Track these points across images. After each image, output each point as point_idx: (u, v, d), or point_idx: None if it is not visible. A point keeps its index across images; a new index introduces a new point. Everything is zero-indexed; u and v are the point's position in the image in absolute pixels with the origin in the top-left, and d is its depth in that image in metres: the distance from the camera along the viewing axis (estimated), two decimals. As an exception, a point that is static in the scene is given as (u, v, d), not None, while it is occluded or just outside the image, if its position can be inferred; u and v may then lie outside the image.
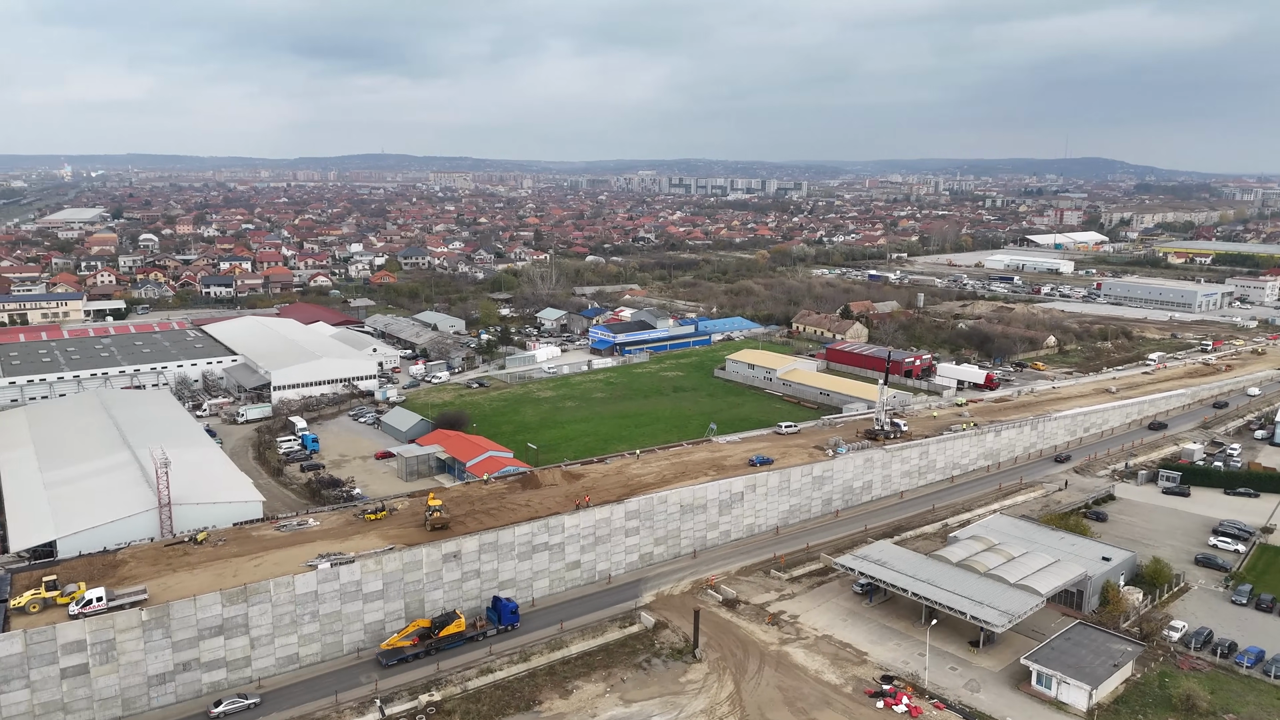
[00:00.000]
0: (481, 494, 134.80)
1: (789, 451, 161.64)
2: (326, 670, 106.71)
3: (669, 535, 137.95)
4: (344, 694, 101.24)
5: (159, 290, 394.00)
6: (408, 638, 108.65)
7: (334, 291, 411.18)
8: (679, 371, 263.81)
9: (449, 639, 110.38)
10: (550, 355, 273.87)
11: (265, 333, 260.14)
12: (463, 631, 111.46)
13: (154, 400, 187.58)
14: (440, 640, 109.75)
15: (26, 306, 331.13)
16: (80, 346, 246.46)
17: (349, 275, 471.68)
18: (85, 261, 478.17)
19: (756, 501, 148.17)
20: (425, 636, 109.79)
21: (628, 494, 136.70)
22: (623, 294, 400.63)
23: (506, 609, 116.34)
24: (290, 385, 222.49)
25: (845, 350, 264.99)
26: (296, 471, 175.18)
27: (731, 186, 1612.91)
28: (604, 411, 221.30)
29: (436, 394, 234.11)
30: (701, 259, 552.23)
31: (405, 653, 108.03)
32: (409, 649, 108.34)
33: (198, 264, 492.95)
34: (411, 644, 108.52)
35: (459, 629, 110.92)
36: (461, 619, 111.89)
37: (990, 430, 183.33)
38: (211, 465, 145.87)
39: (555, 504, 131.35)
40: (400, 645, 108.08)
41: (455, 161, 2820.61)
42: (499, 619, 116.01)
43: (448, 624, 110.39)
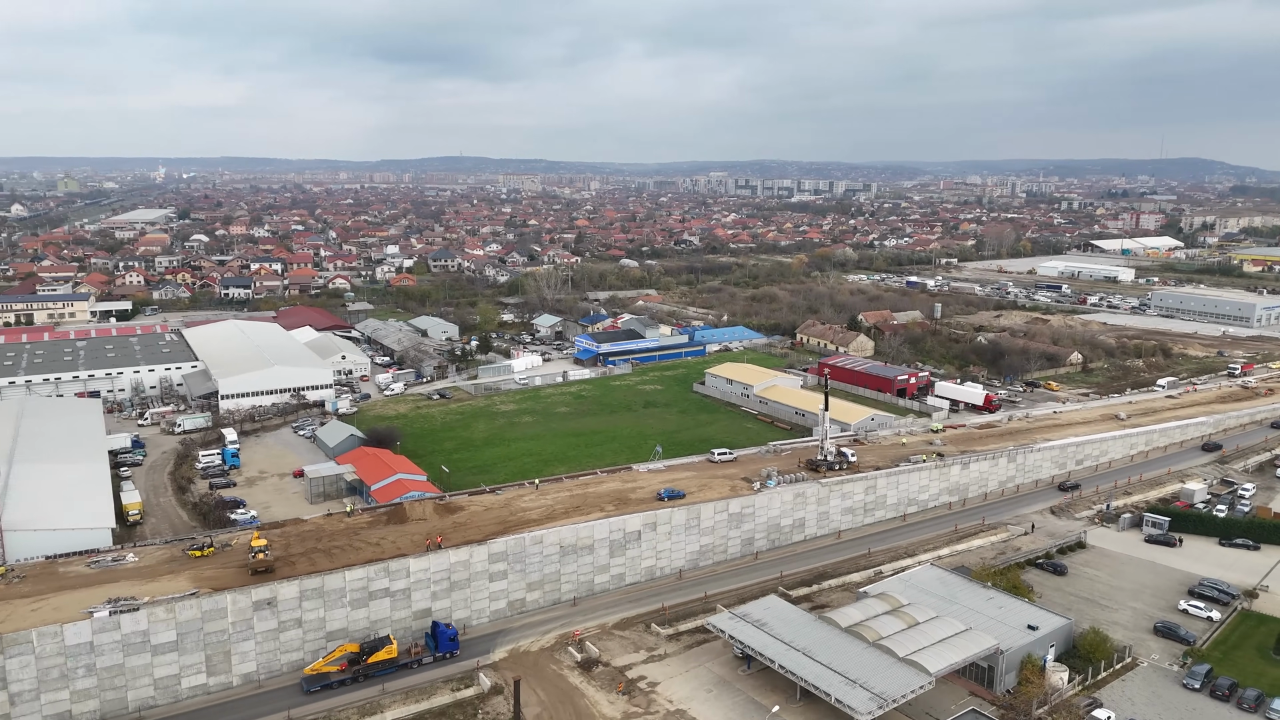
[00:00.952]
0: (338, 528, 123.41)
1: (712, 483, 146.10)
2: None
3: (546, 579, 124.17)
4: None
5: (175, 291, 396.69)
6: (334, 662, 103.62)
7: (349, 294, 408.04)
8: (658, 385, 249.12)
9: (379, 665, 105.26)
10: (529, 365, 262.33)
11: (238, 338, 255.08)
12: (394, 658, 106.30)
13: (73, 410, 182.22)
14: (369, 666, 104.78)
15: (33, 307, 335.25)
16: (49, 350, 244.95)
17: (374, 277, 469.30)
18: (123, 262, 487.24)
19: (658, 541, 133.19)
20: (355, 662, 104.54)
21: (502, 531, 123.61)
22: (636, 300, 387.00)
23: (445, 635, 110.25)
24: (238, 394, 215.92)
25: (837, 365, 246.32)
26: (205, 489, 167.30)
27: (798, 188, 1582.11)
28: (560, 428, 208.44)
29: (393, 405, 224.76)
30: (736, 263, 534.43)
31: (331, 679, 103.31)
32: (335, 675, 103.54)
33: (231, 264, 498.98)
34: (339, 669, 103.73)
35: (390, 655, 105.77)
36: (394, 645, 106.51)
37: (956, 462, 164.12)
38: (79, 485, 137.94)
39: (414, 543, 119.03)
40: (325, 670, 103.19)
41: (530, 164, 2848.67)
42: (436, 646, 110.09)
43: (378, 649, 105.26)
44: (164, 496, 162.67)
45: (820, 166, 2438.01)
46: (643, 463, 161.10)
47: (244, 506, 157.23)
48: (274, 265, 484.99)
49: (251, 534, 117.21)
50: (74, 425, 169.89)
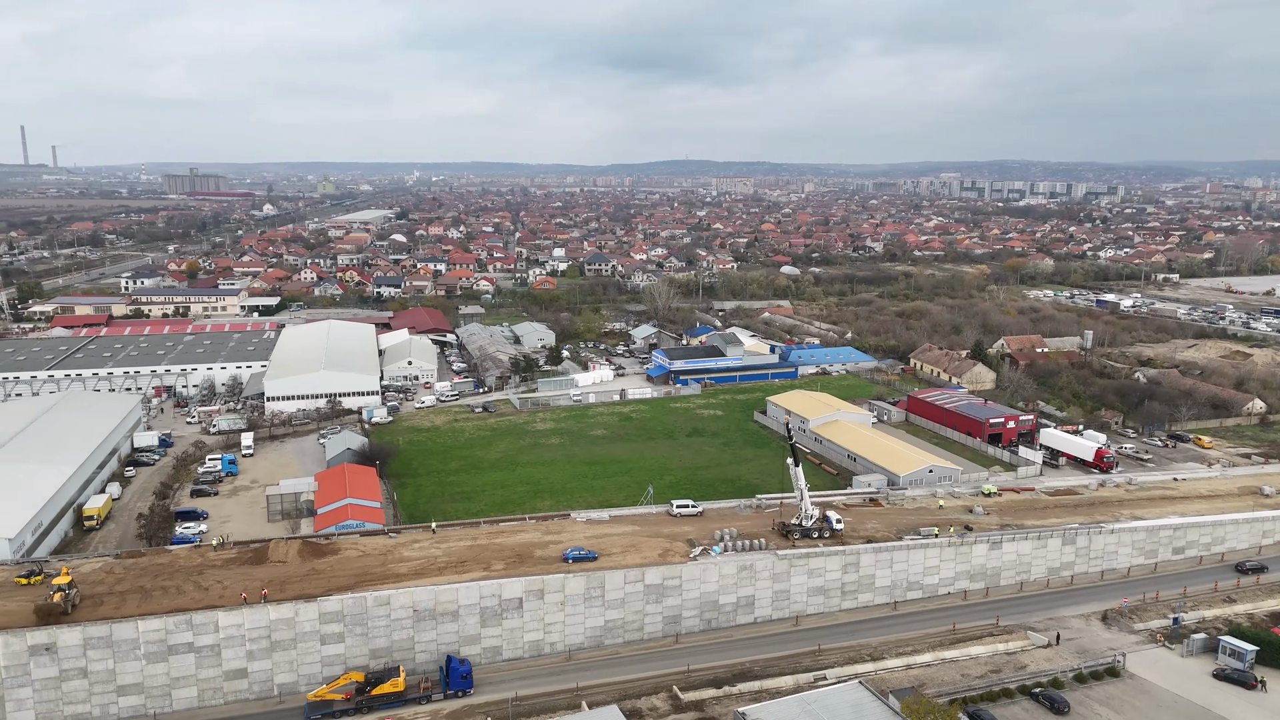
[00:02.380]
0: (191, 564, 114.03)
1: (646, 544, 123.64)
2: None
3: (396, 647, 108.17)
4: None
5: (330, 288, 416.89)
6: (338, 690, 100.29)
7: (486, 296, 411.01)
8: (719, 410, 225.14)
9: (383, 698, 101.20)
10: (596, 379, 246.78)
11: (317, 339, 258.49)
12: (401, 692, 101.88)
13: (95, 407, 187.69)
14: (372, 699, 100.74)
15: (190, 300, 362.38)
16: (150, 343, 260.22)
17: (524, 280, 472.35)
18: (312, 260, 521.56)
19: (546, 612, 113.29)
20: (360, 691, 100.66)
21: (356, 584, 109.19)
22: (762, 311, 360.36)
23: (456, 672, 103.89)
24: (283, 396, 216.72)
25: (927, 400, 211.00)
26: (187, 496, 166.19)
27: (1030, 190, 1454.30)
28: (582, 454, 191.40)
29: (431, 416, 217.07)
30: (904, 272, 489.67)
31: (334, 707, 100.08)
32: (338, 703, 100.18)
33: (404, 263, 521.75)
34: (343, 698, 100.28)
35: (396, 688, 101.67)
36: (401, 678, 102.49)
37: (981, 540, 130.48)
38: (13, 489, 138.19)
39: (255, 589, 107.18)
40: (329, 698, 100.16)
41: (752, 167, 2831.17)
42: (447, 682, 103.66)
43: (383, 681, 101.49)
44: (142, 501, 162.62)
45: (1068, 167, 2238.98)
46: (602, 509, 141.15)
47: (201, 519, 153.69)
48: (438, 265, 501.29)
49: (62, 568, 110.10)
50: (79, 424, 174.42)
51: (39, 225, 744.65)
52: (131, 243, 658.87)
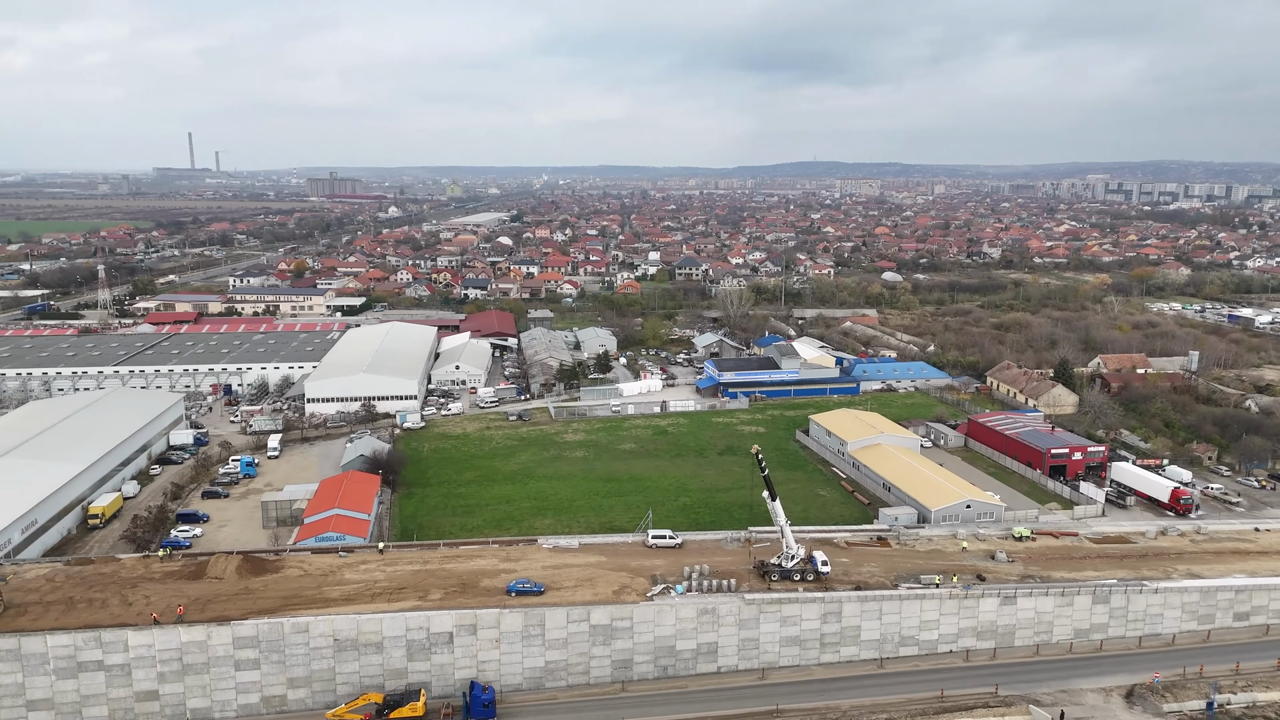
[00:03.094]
0: (132, 575, 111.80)
1: (605, 578, 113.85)
2: None
3: (316, 677, 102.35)
4: None
5: (419, 290, 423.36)
6: (357, 711, 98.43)
7: (567, 300, 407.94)
8: (761, 428, 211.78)
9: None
10: (643, 389, 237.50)
11: (375, 341, 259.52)
12: (420, 716, 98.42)
13: (131, 404, 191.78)
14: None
15: (281, 299, 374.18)
16: (219, 341, 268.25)
17: (610, 284, 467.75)
18: (412, 261, 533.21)
19: (480, 649, 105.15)
20: (379, 714, 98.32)
21: (283, 607, 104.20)
22: (843, 321, 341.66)
23: (479, 699, 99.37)
24: (323, 398, 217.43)
25: (987, 425, 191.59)
26: (198, 498, 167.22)
27: (1185, 193, 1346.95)
28: (601, 470, 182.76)
29: (463, 423, 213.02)
30: (1014, 281, 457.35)
31: None
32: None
33: (500, 265, 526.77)
34: (361, 719, 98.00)
35: (414, 713, 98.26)
36: (421, 701, 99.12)
37: (991, 593, 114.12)
38: (16, 487, 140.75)
39: (187, 605, 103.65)
40: (348, 718, 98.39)
41: (882, 168, 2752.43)
42: (469, 709, 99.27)
43: (403, 704, 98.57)
44: (155, 501, 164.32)
45: (1232, 168, 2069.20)
46: (575, 535, 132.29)
47: (201, 522, 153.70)
48: (531, 268, 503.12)
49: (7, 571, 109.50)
50: (108, 421, 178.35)
51: (182, 225, 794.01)
52: (258, 243, 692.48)
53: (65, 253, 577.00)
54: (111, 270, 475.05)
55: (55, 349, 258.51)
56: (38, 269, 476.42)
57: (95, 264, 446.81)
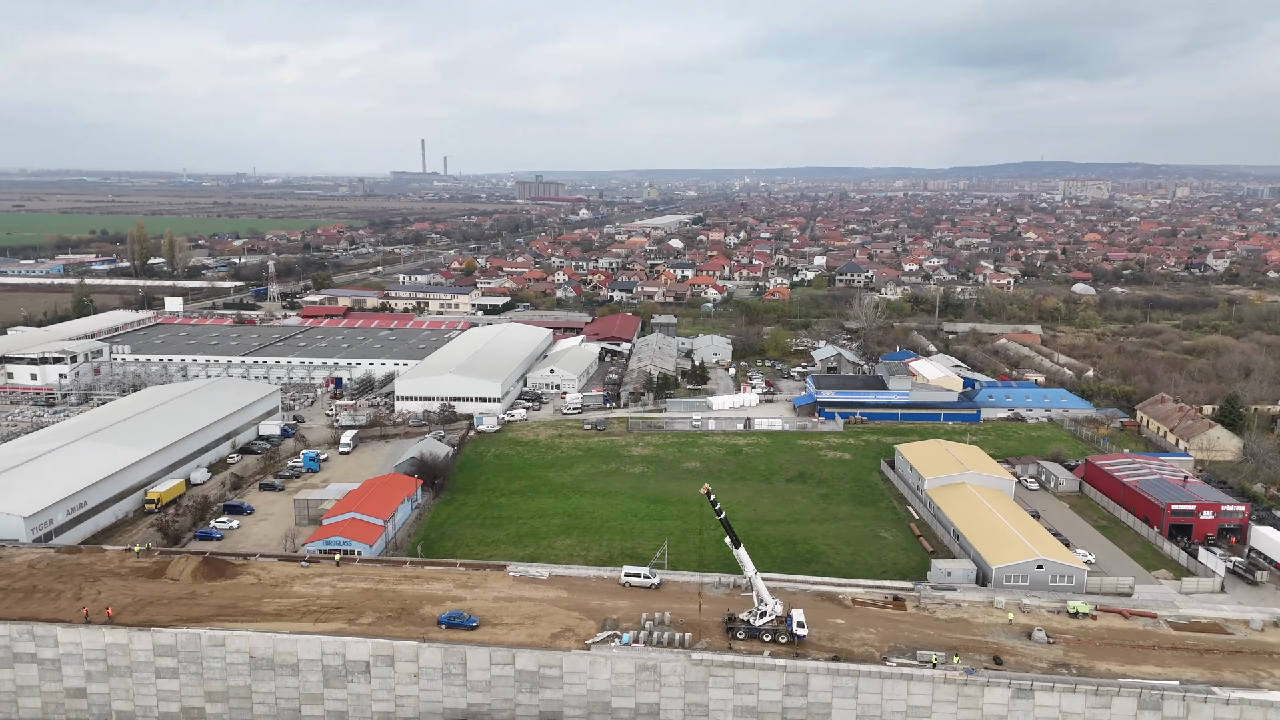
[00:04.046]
0: (99, 569, 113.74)
1: (552, 617, 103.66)
2: None
3: (233, 693, 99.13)
4: None
5: (566, 291, 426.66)
6: None
7: (707, 305, 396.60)
8: (848, 454, 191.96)
9: None
10: (735, 403, 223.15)
11: (482, 341, 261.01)
12: None
13: (228, 395, 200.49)
14: None
15: (430, 296, 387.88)
16: (345, 336, 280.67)
17: (761, 288, 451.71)
18: (576, 263, 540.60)
19: (399, 683, 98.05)
20: None
21: (215, 616, 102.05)
22: (999, 337, 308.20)
23: None
24: (411, 396, 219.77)
25: (1105, 469, 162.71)
26: (255, 491, 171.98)
27: None
28: (650, 489, 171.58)
29: (537, 429, 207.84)
30: (1230, 298, 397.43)
31: None
32: None
33: (659, 267, 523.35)
34: None
35: None
36: None
37: (999, 682, 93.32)
38: (73, 469, 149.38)
39: (133, 604, 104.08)
40: None
41: (1120, 168, 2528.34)
42: None
43: None
44: (215, 491, 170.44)
45: None
46: (546, 565, 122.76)
47: (241, 514, 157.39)
48: (685, 270, 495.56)
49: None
50: (193, 410, 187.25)
51: (390, 224, 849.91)
52: (449, 241, 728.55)
53: (281, 248, 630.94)
54: (303, 265, 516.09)
55: (203, 337, 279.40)
56: (242, 262, 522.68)
57: (283, 259, 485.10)
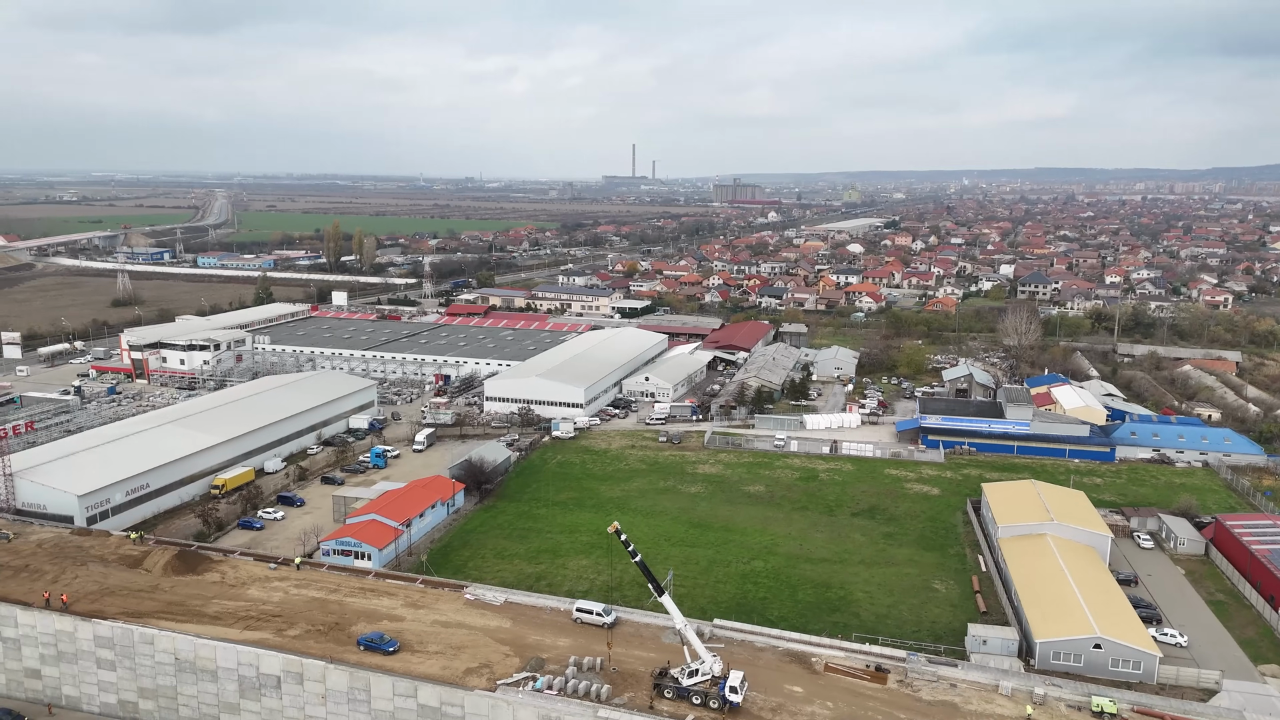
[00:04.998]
0: (100, 553, 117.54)
1: (481, 648, 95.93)
2: None
3: (161, 692, 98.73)
4: None
5: (713, 296, 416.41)
6: None
7: (858, 314, 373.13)
8: (937, 488, 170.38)
9: None
10: (830, 423, 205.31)
11: (589, 344, 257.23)
12: None
13: (321, 388, 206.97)
14: None
15: (574, 297, 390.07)
16: (465, 335, 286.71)
17: (925, 297, 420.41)
18: (736, 267, 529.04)
19: (308, 702, 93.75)
20: None
21: (163, 612, 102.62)
22: (1183, 363, 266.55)
23: None
24: (498, 398, 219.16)
25: (1235, 532, 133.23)
26: (317, 484, 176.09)
27: None
28: (698, 513, 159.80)
29: (610, 439, 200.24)
30: None
31: None
32: None
33: (824, 272, 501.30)
34: None
35: None
36: None
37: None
38: (131, 454, 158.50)
39: (97, 593, 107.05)
40: None
41: None
42: None
43: None
44: (280, 482, 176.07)
45: None
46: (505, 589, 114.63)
47: (291, 506, 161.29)
48: (848, 278, 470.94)
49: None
50: (281, 401, 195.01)
51: (579, 226, 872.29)
52: (628, 244, 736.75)
53: (469, 248, 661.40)
54: (477, 265, 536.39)
55: (340, 331, 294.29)
56: (423, 260, 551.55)
57: (456, 259, 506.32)
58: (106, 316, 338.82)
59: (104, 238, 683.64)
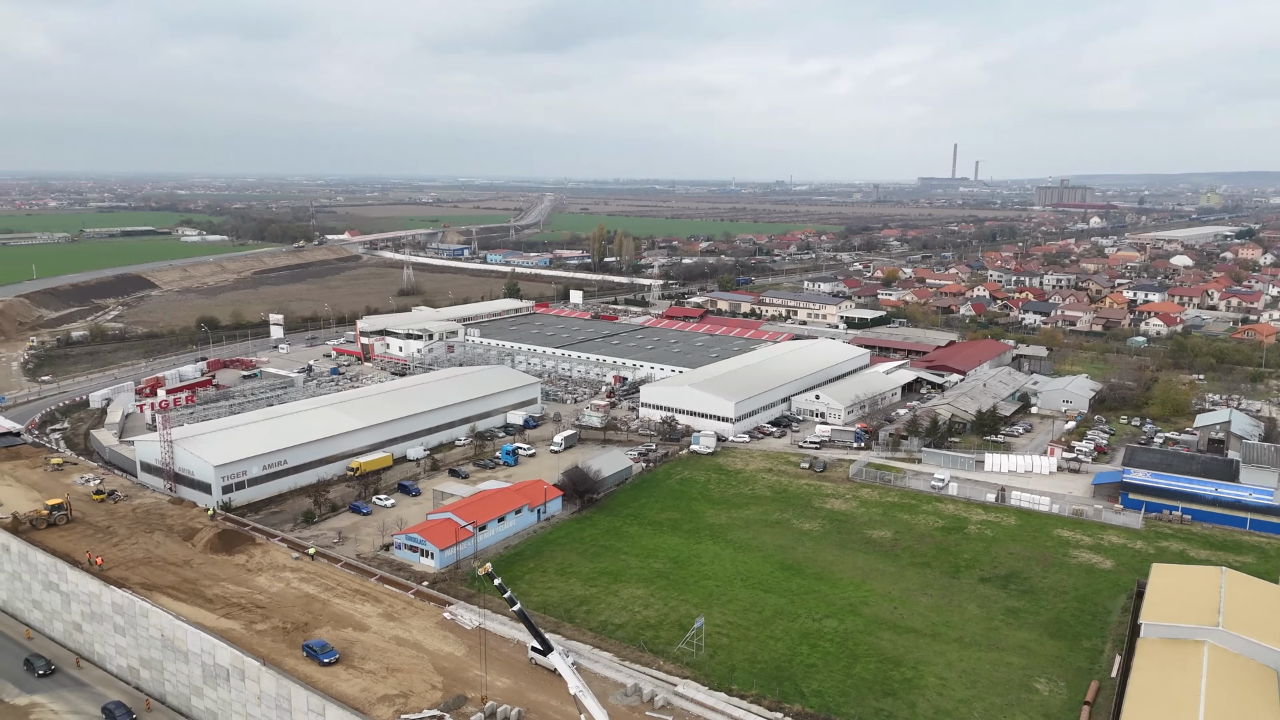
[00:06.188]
0: (170, 521, 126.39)
1: (414, 672, 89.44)
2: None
3: (151, 664, 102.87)
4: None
5: (967, 310, 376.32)
6: None
7: (1137, 339, 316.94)
8: (1111, 560, 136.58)
9: None
10: (1016, 467, 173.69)
11: (769, 355, 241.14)
12: None
13: (484, 383, 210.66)
14: None
15: (801, 304, 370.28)
16: (655, 338, 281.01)
17: (1241, 320, 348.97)
18: (1016, 279, 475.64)
19: (248, 700, 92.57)
20: None
21: (171, 586, 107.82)
22: None
23: None
24: (653, 405, 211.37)
25: None
26: (444, 476, 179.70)
27: None
28: (796, 555, 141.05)
29: (749, 459, 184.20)
30: None
31: None
32: None
33: (1120, 288, 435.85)
34: None
35: None
36: None
37: None
38: (272, 434, 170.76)
39: (140, 560, 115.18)
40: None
41: None
42: None
43: None
44: (413, 471, 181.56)
45: None
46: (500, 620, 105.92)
47: (407, 495, 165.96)
48: (1150, 295, 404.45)
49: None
50: (440, 393, 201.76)
51: (866, 229, 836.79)
52: (906, 249, 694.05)
53: (738, 251, 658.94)
54: (736, 269, 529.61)
55: (548, 328, 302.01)
56: (669, 261, 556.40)
57: (702, 262, 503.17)
58: (388, 303, 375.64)
59: (426, 235, 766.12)
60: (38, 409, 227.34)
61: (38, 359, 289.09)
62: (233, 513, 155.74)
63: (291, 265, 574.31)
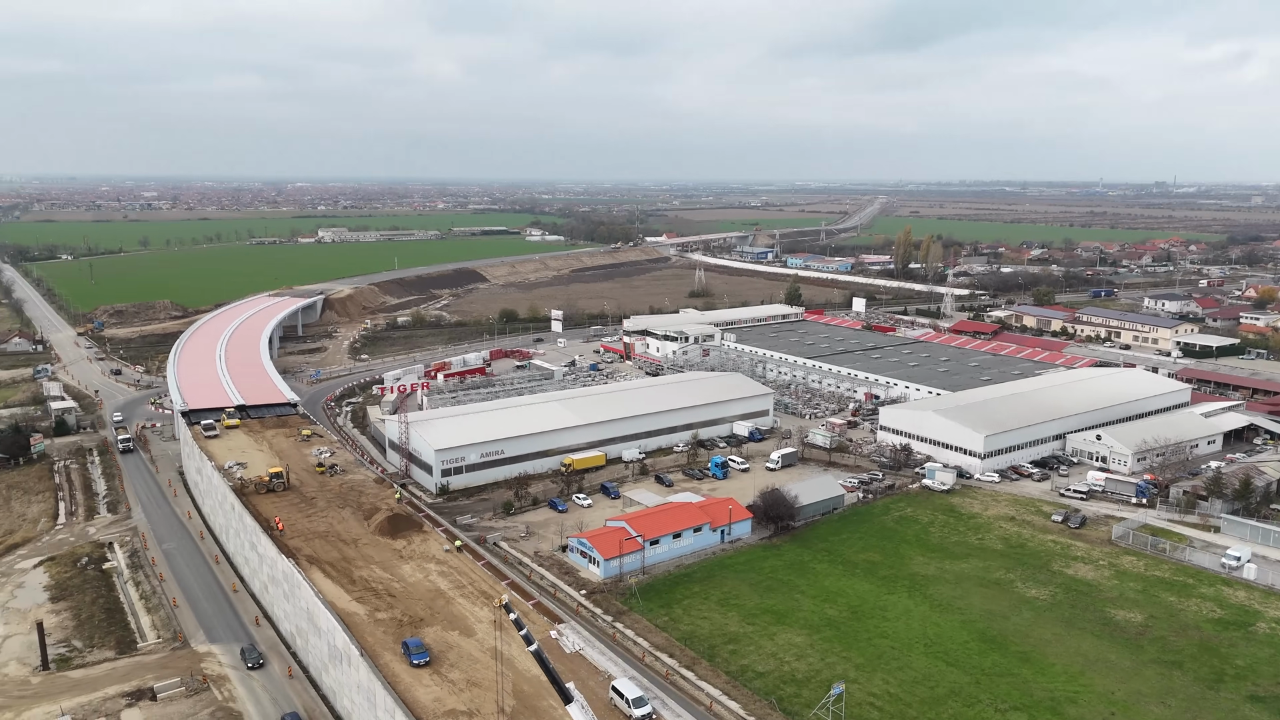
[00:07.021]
0: (363, 498, 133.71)
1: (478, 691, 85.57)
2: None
3: (303, 634, 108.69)
4: None
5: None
6: None
7: None
8: None
9: None
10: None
11: (1053, 385, 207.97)
12: None
13: (714, 389, 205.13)
14: None
15: (1125, 325, 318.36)
16: (930, 354, 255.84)
17: None
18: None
19: (349, 686, 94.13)
20: None
21: (326, 561, 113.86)
22: None
23: None
24: (892, 429, 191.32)
25: None
26: (650, 481, 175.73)
27: None
28: (1003, 626, 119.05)
29: (991, 503, 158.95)
30: None
31: None
32: None
33: None
34: None
35: None
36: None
37: None
38: (492, 425, 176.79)
39: (330, 533, 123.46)
40: None
41: None
42: None
43: None
44: (625, 472, 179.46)
45: None
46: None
47: (607, 497, 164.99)
48: None
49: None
50: (661, 397, 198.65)
51: (1244, 240, 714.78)
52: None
53: (1074, 260, 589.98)
54: (1064, 280, 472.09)
55: (805, 338, 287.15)
56: (987, 270, 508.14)
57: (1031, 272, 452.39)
58: (675, 304, 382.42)
59: (737, 237, 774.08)
60: (344, 384, 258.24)
61: (365, 339, 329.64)
62: (447, 496, 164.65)
63: (606, 264, 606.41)
